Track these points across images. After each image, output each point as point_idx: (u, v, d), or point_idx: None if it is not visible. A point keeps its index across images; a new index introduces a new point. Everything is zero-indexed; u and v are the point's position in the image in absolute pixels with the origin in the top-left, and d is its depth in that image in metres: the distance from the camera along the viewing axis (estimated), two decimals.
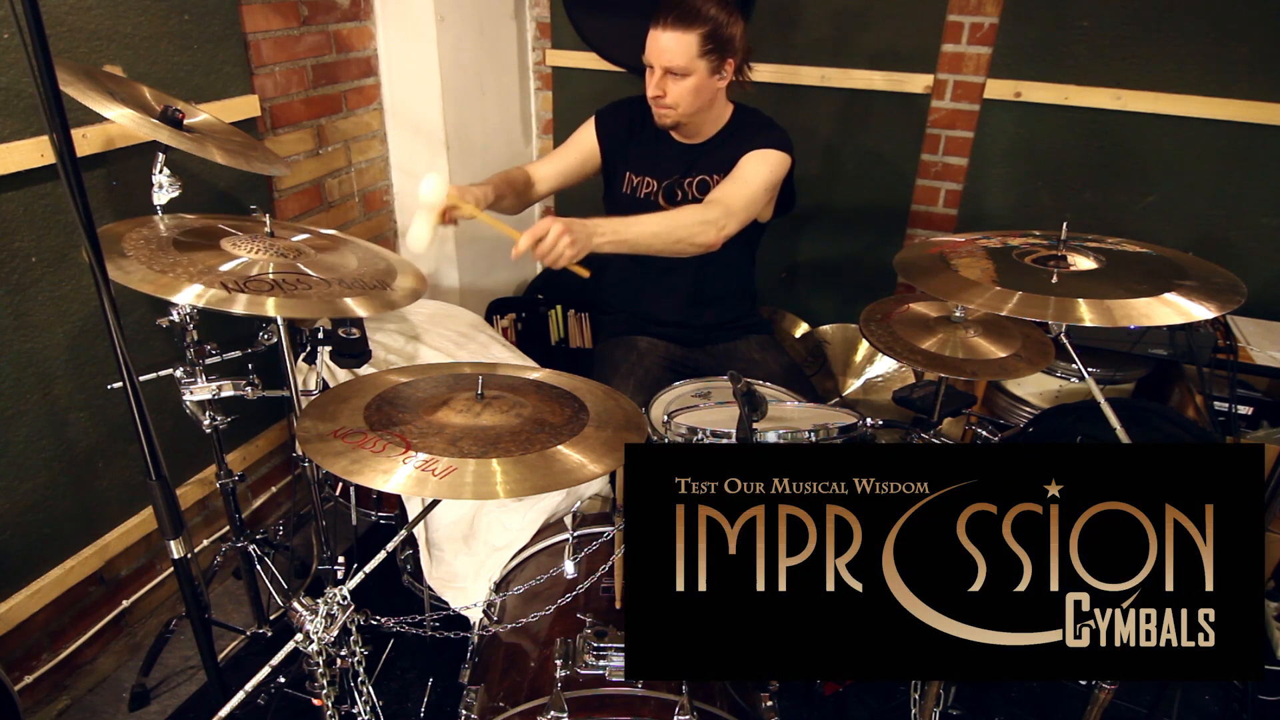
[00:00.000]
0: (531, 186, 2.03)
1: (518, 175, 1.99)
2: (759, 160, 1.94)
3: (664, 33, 1.83)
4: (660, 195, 2.08)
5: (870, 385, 2.75)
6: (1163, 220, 2.49)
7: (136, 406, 1.05)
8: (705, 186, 2.05)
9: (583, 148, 2.11)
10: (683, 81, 1.87)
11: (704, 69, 1.87)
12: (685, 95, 1.89)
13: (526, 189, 2.01)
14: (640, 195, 2.10)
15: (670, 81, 1.88)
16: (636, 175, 2.10)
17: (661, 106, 1.93)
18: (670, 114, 1.93)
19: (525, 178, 2.01)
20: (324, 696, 1.13)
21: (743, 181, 1.91)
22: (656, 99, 1.91)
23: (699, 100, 1.92)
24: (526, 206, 2.04)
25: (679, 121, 1.96)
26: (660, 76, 1.87)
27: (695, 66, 1.85)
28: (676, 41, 1.82)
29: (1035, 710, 1.93)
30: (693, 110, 1.93)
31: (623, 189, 2.12)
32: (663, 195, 2.08)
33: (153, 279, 1.34)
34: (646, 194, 2.10)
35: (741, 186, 1.90)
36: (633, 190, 2.11)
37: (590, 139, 2.11)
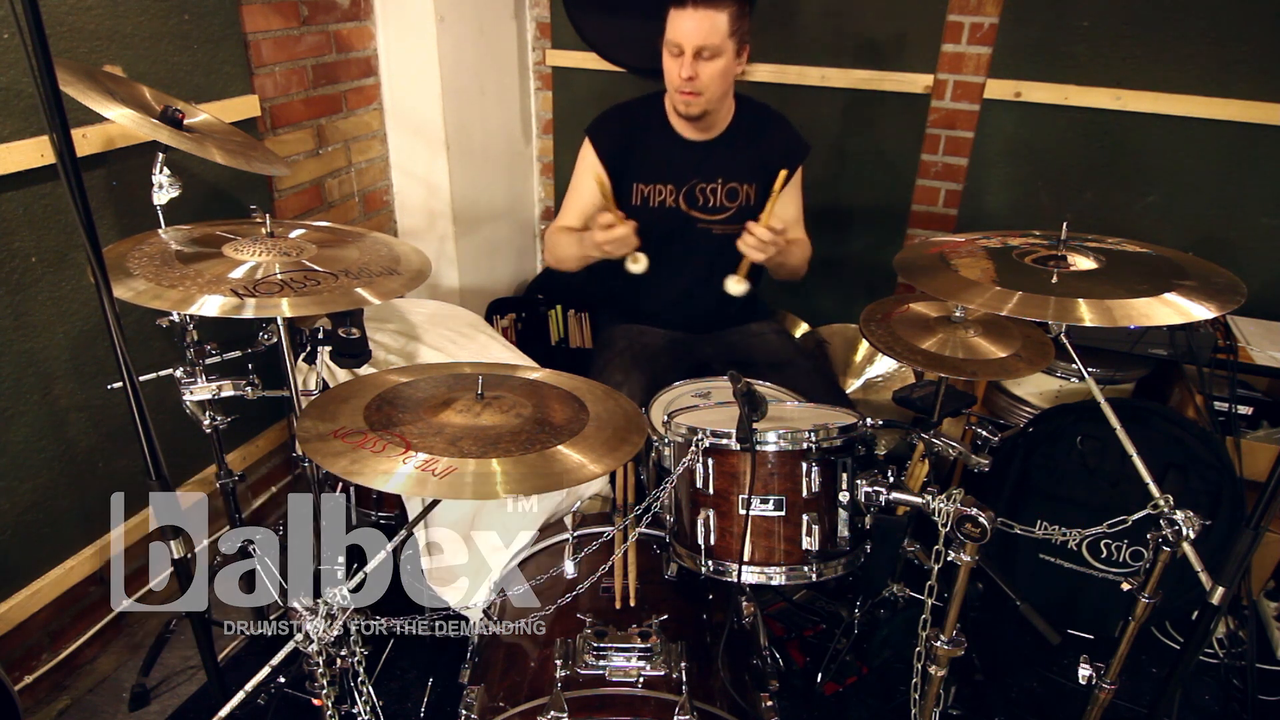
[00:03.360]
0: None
1: (568, 235, 2.06)
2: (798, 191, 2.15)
3: (694, 12, 1.80)
4: (681, 201, 2.05)
5: (870, 385, 2.75)
6: (1163, 220, 2.49)
7: (136, 406, 1.05)
8: (734, 195, 2.03)
9: (595, 177, 2.05)
10: (712, 63, 1.84)
11: (732, 50, 1.85)
12: (715, 78, 1.86)
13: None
14: (654, 204, 2.05)
15: (701, 64, 1.84)
16: (646, 184, 2.05)
17: (690, 91, 1.88)
18: (698, 100, 1.89)
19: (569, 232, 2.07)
20: (324, 696, 1.13)
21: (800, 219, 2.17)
22: (689, 81, 1.86)
23: (725, 84, 1.90)
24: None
25: (705, 109, 1.92)
26: (690, 59, 1.83)
27: (726, 46, 1.83)
28: (708, 20, 1.79)
29: (1035, 710, 1.93)
30: (720, 95, 1.91)
31: (631, 201, 2.07)
32: (683, 200, 2.04)
33: (163, 294, 1.33)
34: (661, 202, 2.05)
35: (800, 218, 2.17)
36: (644, 201, 2.06)
37: (594, 163, 2.05)
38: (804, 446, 1.34)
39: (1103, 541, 1.99)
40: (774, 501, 1.35)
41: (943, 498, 1.27)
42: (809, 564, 1.36)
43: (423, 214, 2.77)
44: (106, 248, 1.45)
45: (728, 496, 1.38)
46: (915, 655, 1.41)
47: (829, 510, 1.37)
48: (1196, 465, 1.92)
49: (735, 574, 1.36)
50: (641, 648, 1.27)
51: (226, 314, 1.31)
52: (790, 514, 1.36)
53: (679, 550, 1.46)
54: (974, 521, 1.24)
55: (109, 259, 1.41)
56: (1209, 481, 1.93)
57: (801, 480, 1.35)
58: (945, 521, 1.26)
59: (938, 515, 1.27)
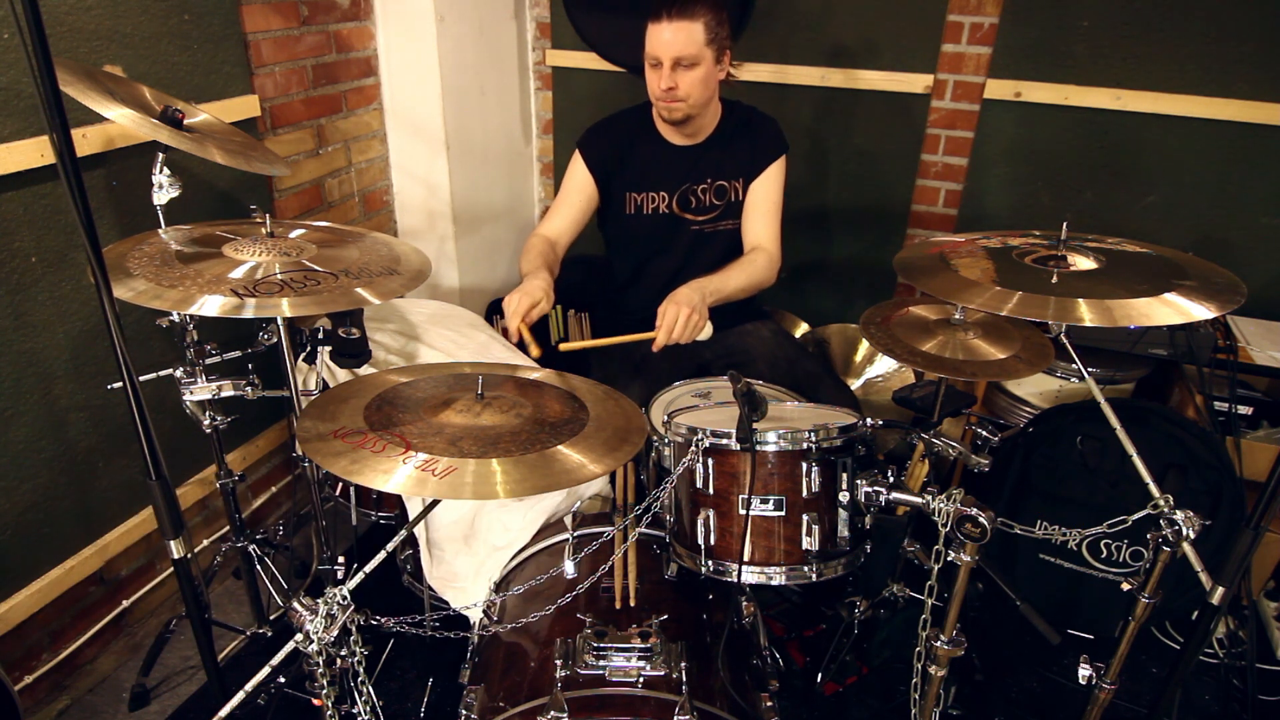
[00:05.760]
0: (555, 245, 2.05)
1: (543, 245, 2.01)
2: (771, 184, 2.07)
3: (669, 24, 1.84)
4: (674, 205, 2.08)
5: (870, 385, 2.75)
6: (1163, 220, 2.49)
7: (136, 406, 1.05)
8: (722, 192, 2.06)
9: (583, 188, 2.10)
10: (691, 72, 1.88)
11: (710, 57, 1.89)
12: (695, 86, 1.90)
13: (555, 251, 2.04)
14: (648, 212, 2.09)
15: (680, 73, 1.89)
16: (639, 193, 2.09)
17: (672, 100, 1.92)
18: (681, 107, 1.94)
19: (547, 243, 2.03)
20: (324, 696, 1.13)
21: (768, 214, 2.09)
22: (669, 92, 1.91)
23: (707, 90, 1.94)
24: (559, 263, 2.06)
25: (689, 115, 1.96)
26: (669, 70, 1.88)
27: (704, 55, 1.87)
28: (684, 31, 1.84)
29: (1035, 710, 1.93)
30: (702, 101, 1.95)
31: (625, 210, 2.11)
32: (676, 204, 2.08)
33: (163, 294, 1.33)
34: (655, 209, 2.09)
35: (771, 220, 2.09)
36: (638, 209, 2.10)
37: (583, 174, 2.09)
38: (804, 446, 1.35)
39: (1103, 541, 1.99)
40: (774, 501, 1.35)
41: (943, 498, 1.27)
42: (809, 564, 1.36)
43: (423, 214, 2.77)
44: (106, 248, 1.45)
45: (728, 496, 1.38)
46: (915, 655, 1.42)
47: (829, 510, 1.37)
48: (1196, 465, 1.92)
49: (735, 574, 1.36)
50: (641, 648, 1.27)
51: (226, 314, 1.31)
52: (790, 514, 1.36)
53: (679, 550, 1.46)
54: (974, 521, 1.24)
55: (109, 259, 1.41)
56: (1209, 481, 1.93)
57: (801, 480, 1.35)
58: (945, 521, 1.26)
59: (938, 515, 1.27)
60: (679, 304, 1.76)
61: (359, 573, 1.15)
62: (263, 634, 1.97)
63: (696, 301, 1.79)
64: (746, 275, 2.00)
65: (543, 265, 1.92)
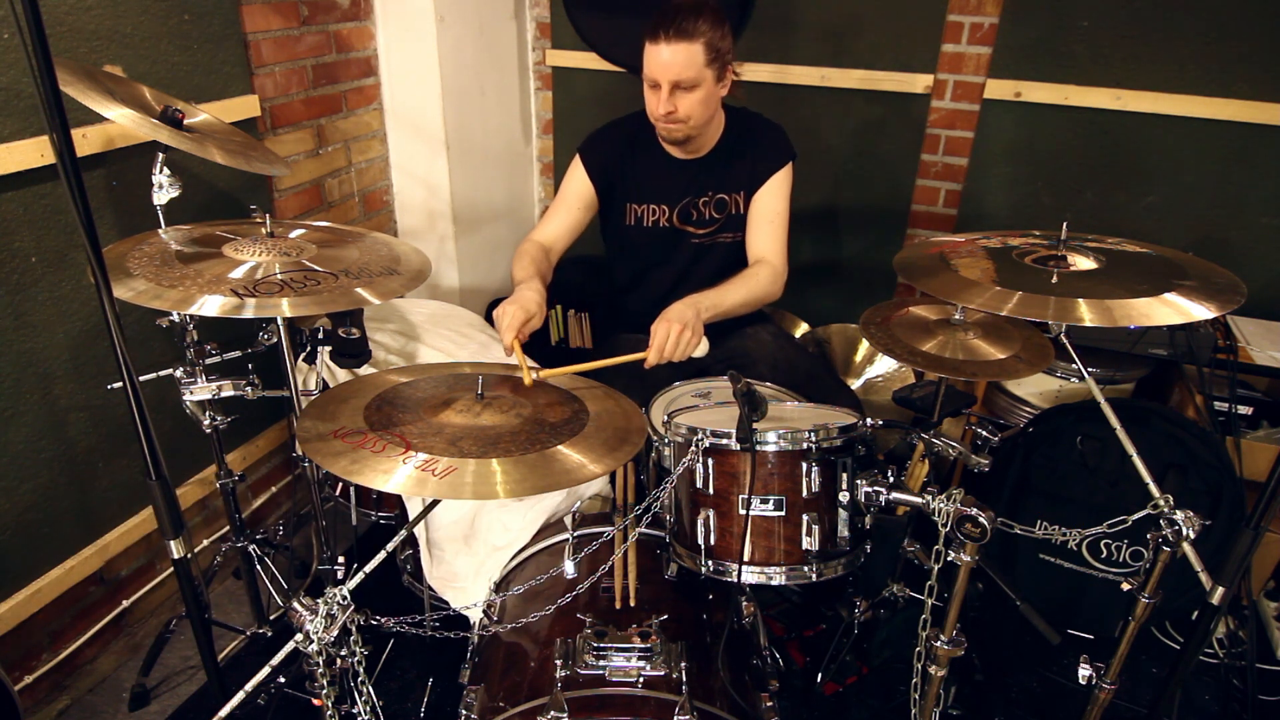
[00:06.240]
0: (550, 252, 2.03)
1: (537, 252, 1.98)
2: (775, 194, 2.03)
3: (667, 46, 1.79)
4: (675, 219, 2.06)
5: (870, 385, 2.75)
6: (1163, 220, 2.49)
7: (136, 406, 1.05)
8: (723, 206, 2.04)
9: (581, 194, 2.06)
10: (691, 94, 1.84)
11: (711, 78, 1.84)
12: (696, 107, 1.86)
13: (549, 258, 2.01)
14: (648, 224, 2.07)
15: (680, 96, 1.85)
16: (640, 204, 2.06)
17: (672, 122, 1.89)
18: (681, 128, 1.90)
19: (541, 249, 2.00)
20: (324, 696, 1.13)
21: (773, 224, 2.04)
22: (669, 115, 1.87)
23: (708, 110, 1.90)
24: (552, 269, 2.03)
25: (689, 135, 1.93)
26: (669, 92, 1.84)
27: (704, 76, 1.82)
28: (684, 53, 1.79)
29: (1035, 710, 1.93)
30: (703, 121, 1.91)
31: (625, 221, 2.08)
32: (677, 218, 2.06)
33: (163, 294, 1.33)
34: (655, 221, 2.07)
35: (777, 231, 2.04)
36: (638, 221, 2.07)
37: (583, 181, 2.06)
38: (804, 446, 1.34)
39: (1103, 541, 1.99)
40: (774, 501, 1.35)
41: (943, 498, 1.27)
42: (809, 564, 1.36)
43: (423, 214, 2.77)
44: (106, 248, 1.45)
45: (728, 496, 1.38)
46: (915, 655, 1.42)
47: (829, 510, 1.37)
48: (1196, 465, 1.92)
49: (735, 574, 1.36)
50: (641, 648, 1.27)
51: (226, 314, 1.31)
52: (790, 514, 1.36)
53: (679, 550, 1.46)
54: (974, 521, 1.24)
55: (109, 259, 1.41)
56: (1209, 481, 1.93)
57: (801, 480, 1.35)
58: (945, 521, 1.26)
59: (938, 515, 1.27)
60: (670, 321, 1.70)
61: (359, 573, 1.15)
62: (263, 634, 1.97)
63: (690, 318, 1.71)
64: (747, 290, 1.95)
65: (535, 274, 1.89)
